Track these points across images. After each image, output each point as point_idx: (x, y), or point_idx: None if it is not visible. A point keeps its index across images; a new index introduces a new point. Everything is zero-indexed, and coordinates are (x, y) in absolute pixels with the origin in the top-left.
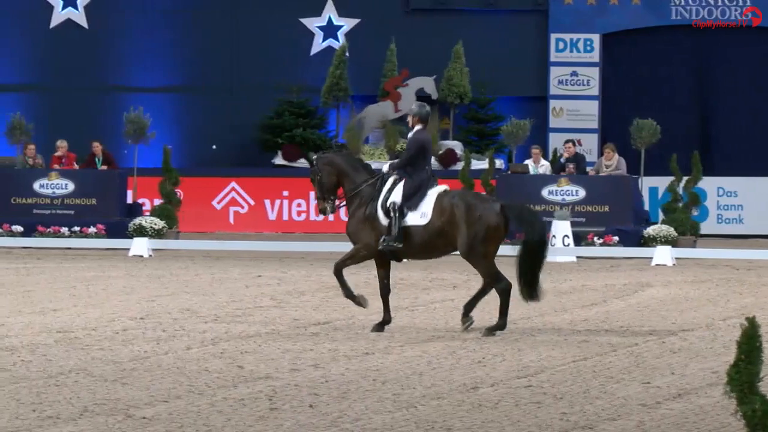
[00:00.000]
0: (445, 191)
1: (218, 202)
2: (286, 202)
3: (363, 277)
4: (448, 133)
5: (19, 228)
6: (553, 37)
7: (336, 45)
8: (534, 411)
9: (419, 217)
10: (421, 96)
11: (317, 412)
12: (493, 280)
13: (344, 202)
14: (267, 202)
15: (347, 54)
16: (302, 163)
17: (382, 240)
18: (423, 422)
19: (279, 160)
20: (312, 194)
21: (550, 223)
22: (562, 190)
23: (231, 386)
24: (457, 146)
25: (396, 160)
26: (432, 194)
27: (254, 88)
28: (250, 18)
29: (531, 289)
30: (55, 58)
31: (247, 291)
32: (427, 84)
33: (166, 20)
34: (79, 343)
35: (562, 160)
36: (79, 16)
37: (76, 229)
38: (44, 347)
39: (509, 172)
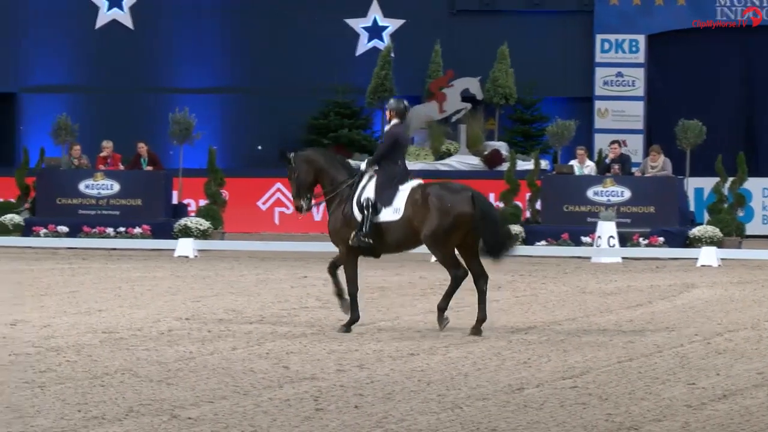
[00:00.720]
0: (418, 185)
1: (263, 203)
2: None
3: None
4: (494, 134)
5: (64, 228)
6: (599, 37)
7: (381, 46)
8: (579, 412)
9: (393, 212)
10: (466, 97)
11: (362, 412)
12: (450, 266)
13: (323, 201)
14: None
15: (392, 55)
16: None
17: (353, 235)
18: (468, 423)
19: None
20: None
21: (595, 223)
22: (608, 191)
23: (276, 387)
24: (502, 147)
25: (371, 157)
26: (405, 189)
27: (300, 88)
28: (296, 19)
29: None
30: (100, 58)
31: (293, 291)
32: (472, 85)
33: (212, 21)
34: (125, 344)
35: (608, 160)
36: (125, 17)
37: (122, 229)
38: (90, 348)
39: (554, 172)
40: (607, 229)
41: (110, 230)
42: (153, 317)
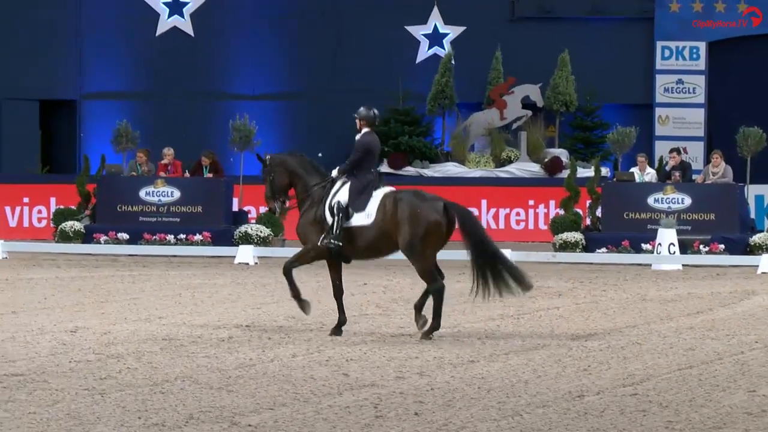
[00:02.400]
0: (390, 192)
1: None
2: None
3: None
4: (554, 141)
5: (125, 235)
6: (659, 44)
7: (442, 53)
8: (639, 419)
9: (365, 217)
10: (527, 104)
11: (422, 420)
12: (429, 279)
13: (296, 204)
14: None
15: (453, 62)
16: (408, 171)
17: (322, 237)
18: (528, 430)
19: (385, 168)
20: None
21: (655, 231)
22: (668, 198)
23: (336, 394)
24: (562, 154)
25: (343, 165)
26: (377, 195)
27: (360, 95)
28: (356, 26)
29: (506, 284)
30: (161, 65)
31: (353, 299)
32: (533, 92)
33: (272, 28)
34: (185, 351)
35: (668, 168)
36: (185, 24)
37: (182, 236)
38: (150, 355)
39: (615, 180)
40: (667, 236)
41: (170, 237)
42: (213, 324)
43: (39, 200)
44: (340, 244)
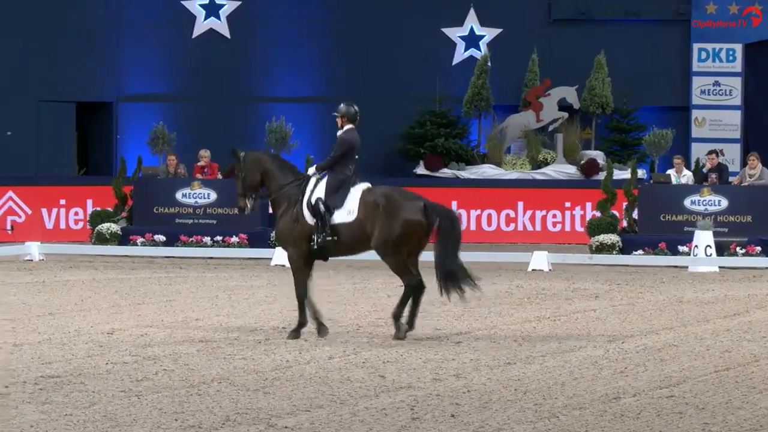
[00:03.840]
0: (369, 188)
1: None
2: None
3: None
4: (590, 143)
5: (161, 237)
6: (696, 47)
7: (478, 55)
8: (676, 421)
9: (346, 214)
10: (564, 106)
11: (459, 422)
12: (403, 275)
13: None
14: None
15: (489, 64)
16: (444, 173)
17: (315, 238)
18: None
19: (421, 170)
20: (454, 204)
21: (692, 233)
22: (705, 200)
23: (373, 396)
24: (599, 156)
25: (323, 162)
26: (356, 191)
27: (396, 97)
28: (392, 28)
29: (452, 283)
30: (197, 68)
31: (390, 301)
32: (569, 94)
33: (309, 30)
34: (222, 353)
35: (705, 170)
36: (222, 26)
37: (219, 238)
38: (186, 356)
39: (651, 182)
40: (704, 238)
41: (207, 239)
42: (250, 326)
43: (76, 202)
44: (335, 238)
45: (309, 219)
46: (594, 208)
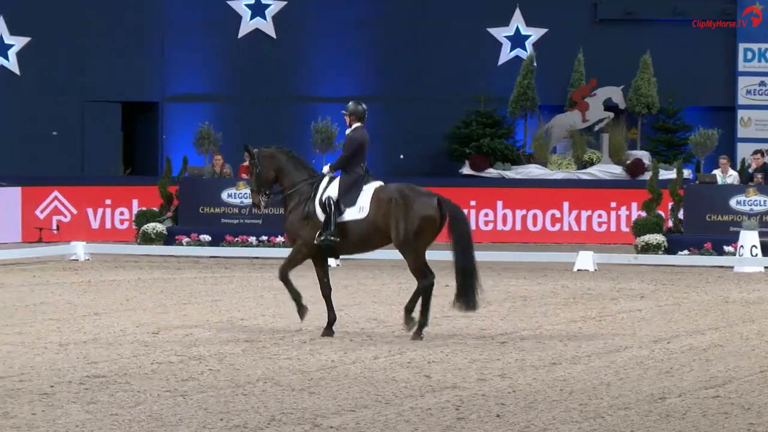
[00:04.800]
0: (381, 186)
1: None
2: (473, 212)
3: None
4: (636, 143)
5: (207, 237)
6: (741, 47)
7: (524, 55)
8: (722, 422)
9: (357, 211)
10: (609, 106)
11: (504, 422)
12: (420, 274)
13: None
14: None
15: (535, 64)
16: (489, 172)
17: (318, 234)
18: None
19: (467, 170)
20: (499, 204)
21: (737, 233)
22: (750, 201)
23: (418, 396)
24: (644, 156)
25: (334, 161)
26: (368, 189)
27: (442, 97)
28: (438, 28)
29: (466, 298)
30: (242, 68)
31: (434, 301)
32: (615, 94)
33: (354, 30)
34: (267, 353)
35: (750, 170)
36: (267, 26)
37: (264, 238)
38: (232, 356)
39: (697, 182)
40: (749, 238)
41: (252, 239)
42: (295, 326)
43: (121, 202)
44: (337, 239)
45: (320, 216)
46: (639, 208)
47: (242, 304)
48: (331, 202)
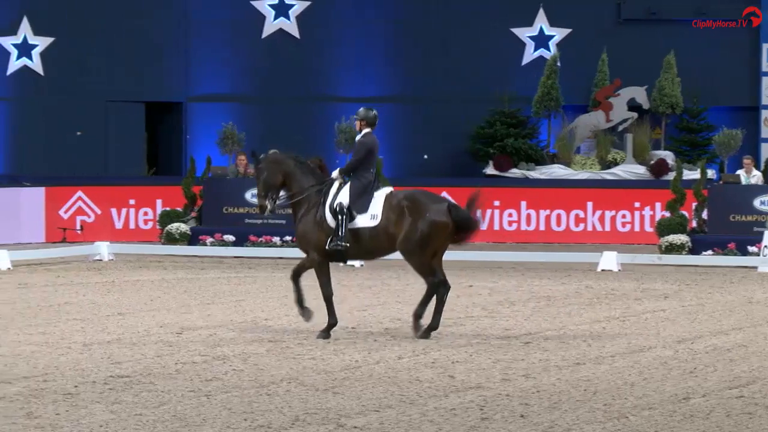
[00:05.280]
0: (392, 192)
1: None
2: (497, 212)
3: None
4: (660, 143)
5: (230, 237)
6: (765, 47)
7: (547, 55)
8: (746, 422)
9: (369, 218)
10: (633, 106)
11: (528, 422)
12: (425, 274)
13: (286, 203)
14: (478, 211)
15: (558, 64)
16: (513, 173)
17: (329, 240)
18: None
19: (490, 170)
20: (523, 204)
21: (761, 233)
22: None
23: (442, 396)
24: (668, 156)
25: (344, 166)
26: (379, 195)
27: (465, 97)
28: (462, 28)
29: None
30: (266, 68)
31: (458, 301)
32: (639, 94)
33: (378, 30)
34: (291, 353)
35: None
36: (291, 26)
37: (288, 238)
38: (256, 356)
39: (721, 182)
40: None
41: (276, 239)
42: (319, 326)
43: (145, 202)
44: (347, 245)
45: (331, 223)
46: (663, 209)
47: (266, 304)
48: (343, 208)
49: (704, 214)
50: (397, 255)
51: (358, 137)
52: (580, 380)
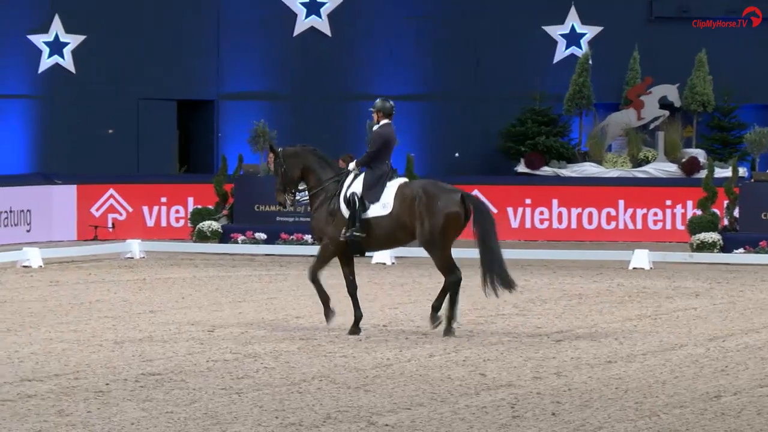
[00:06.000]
0: (405, 182)
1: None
2: (528, 210)
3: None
4: (691, 141)
5: (262, 235)
6: None
7: (579, 53)
8: None
9: (381, 207)
10: (664, 104)
11: (559, 420)
12: (447, 271)
13: (305, 197)
14: (510, 209)
15: (590, 62)
16: (545, 171)
17: (344, 231)
18: (665, 431)
19: (522, 168)
20: (555, 202)
21: None
22: None
23: (473, 394)
24: (700, 154)
25: (360, 157)
26: (392, 185)
27: (497, 95)
28: (493, 26)
29: (493, 286)
30: (298, 66)
31: (490, 299)
32: (670, 92)
33: (409, 28)
34: (322, 350)
35: None
36: (323, 24)
37: None
38: (287, 354)
39: (753, 180)
40: None
41: (308, 237)
42: (350, 324)
43: (177, 200)
44: (363, 234)
45: (345, 213)
46: (695, 207)
47: (297, 302)
48: (356, 198)
49: (736, 212)
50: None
51: (375, 128)
52: (612, 378)
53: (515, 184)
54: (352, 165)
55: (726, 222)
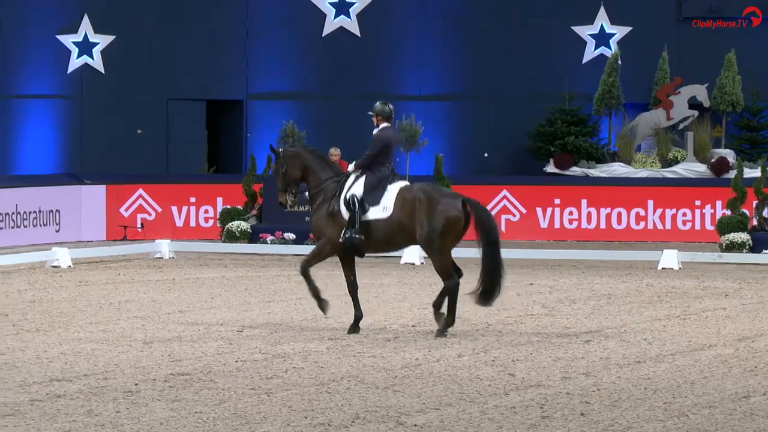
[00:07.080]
0: (406, 186)
1: (490, 210)
2: (557, 210)
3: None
4: (721, 141)
5: (291, 235)
6: None
7: (608, 53)
8: None
9: (381, 210)
10: (694, 104)
11: (588, 420)
12: (445, 275)
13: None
14: (539, 210)
15: (619, 62)
16: (574, 171)
17: (343, 233)
18: (694, 431)
19: (551, 168)
20: (584, 202)
21: None
22: None
23: (502, 394)
24: (729, 154)
25: (360, 160)
26: (393, 189)
27: (526, 95)
28: (523, 26)
29: (486, 296)
30: (327, 66)
31: (519, 299)
32: (699, 92)
33: (439, 28)
34: (351, 350)
35: None
36: (352, 24)
37: None
38: (316, 354)
39: None
40: None
41: None
42: (379, 324)
43: (206, 200)
44: (362, 237)
45: (345, 215)
46: (724, 207)
47: None
48: (356, 200)
49: (765, 212)
50: (457, 253)
51: (375, 131)
52: (641, 378)
53: (544, 185)
54: (351, 167)
55: (755, 222)
